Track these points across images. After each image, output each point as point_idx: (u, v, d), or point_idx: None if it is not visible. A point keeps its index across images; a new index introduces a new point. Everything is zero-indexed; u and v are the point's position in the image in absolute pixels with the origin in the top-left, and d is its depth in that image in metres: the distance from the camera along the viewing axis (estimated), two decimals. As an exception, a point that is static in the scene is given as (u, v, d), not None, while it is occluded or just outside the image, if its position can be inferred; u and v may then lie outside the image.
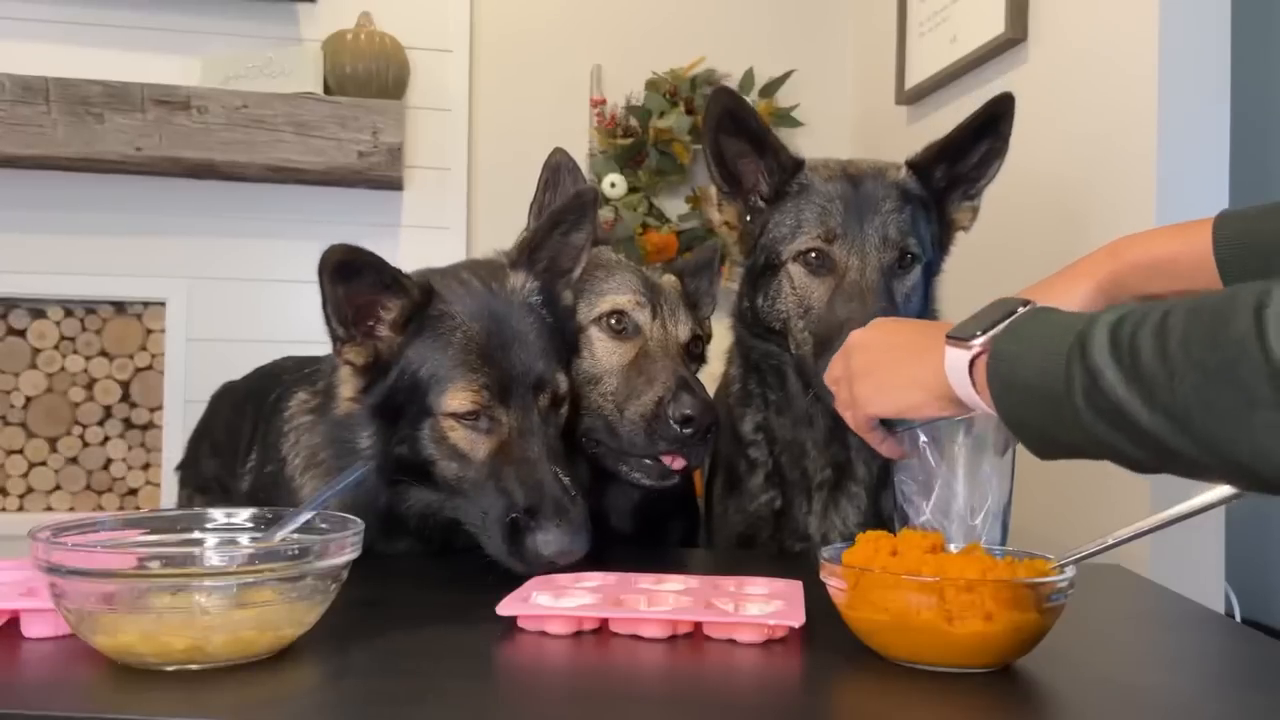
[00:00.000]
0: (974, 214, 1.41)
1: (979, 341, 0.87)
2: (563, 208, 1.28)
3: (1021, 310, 0.87)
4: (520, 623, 0.97)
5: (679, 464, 1.26)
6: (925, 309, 1.37)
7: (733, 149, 1.38)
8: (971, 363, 0.88)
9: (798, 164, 1.37)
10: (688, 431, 1.23)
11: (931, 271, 1.38)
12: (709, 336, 1.52)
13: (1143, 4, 1.96)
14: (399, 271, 1.17)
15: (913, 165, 1.36)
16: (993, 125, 1.34)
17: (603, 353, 1.32)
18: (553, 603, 1.00)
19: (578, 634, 0.96)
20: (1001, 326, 0.87)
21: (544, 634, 0.96)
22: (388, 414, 1.20)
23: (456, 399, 1.16)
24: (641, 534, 1.45)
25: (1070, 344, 0.77)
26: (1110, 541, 0.91)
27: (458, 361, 1.17)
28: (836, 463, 1.40)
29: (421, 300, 1.18)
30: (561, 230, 1.28)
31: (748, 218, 1.41)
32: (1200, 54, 1.93)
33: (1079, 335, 0.77)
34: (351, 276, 1.14)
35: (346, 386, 1.25)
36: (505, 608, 0.98)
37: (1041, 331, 0.82)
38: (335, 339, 1.20)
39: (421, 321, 1.18)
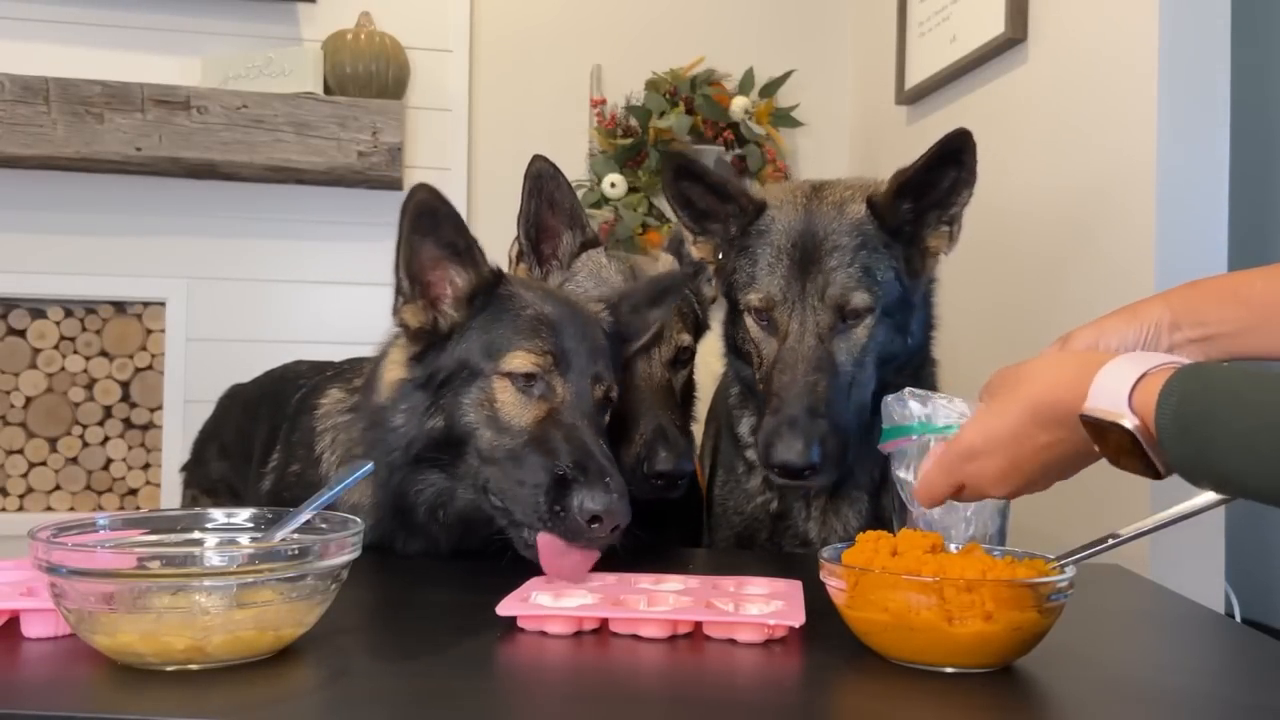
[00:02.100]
0: (950, 239, 1.37)
1: (1162, 466, 0.80)
2: (662, 290, 1.37)
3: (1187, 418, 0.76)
4: (520, 623, 0.97)
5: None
6: (891, 345, 1.32)
7: (696, 192, 1.39)
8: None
9: (759, 208, 1.35)
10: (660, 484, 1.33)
11: (902, 307, 1.33)
12: (715, 298, 1.56)
13: (1143, 4, 1.96)
14: (475, 242, 1.21)
15: (871, 204, 1.32)
16: (954, 158, 1.29)
17: None
18: (553, 603, 1.00)
19: (578, 634, 0.96)
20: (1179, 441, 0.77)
21: (544, 634, 0.96)
22: (431, 385, 1.20)
23: (517, 359, 1.17)
24: (643, 525, 1.47)
25: None
26: (1110, 542, 0.91)
27: (525, 331, 1.19)
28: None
29: (492, 280, 1.22)
30: (647, 303, 1.36)
31: (719, 255, 1.41)
32: (1200, 54, 1.93)
33: None
34: (430, 229, 1.18)
35: (393, 364, 1.25)
36: (505, 608, 0.98)
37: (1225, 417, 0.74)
38: (398, 293, 1.21)
39: (489, 299, 1.21)
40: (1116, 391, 0.80)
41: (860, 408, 1.29)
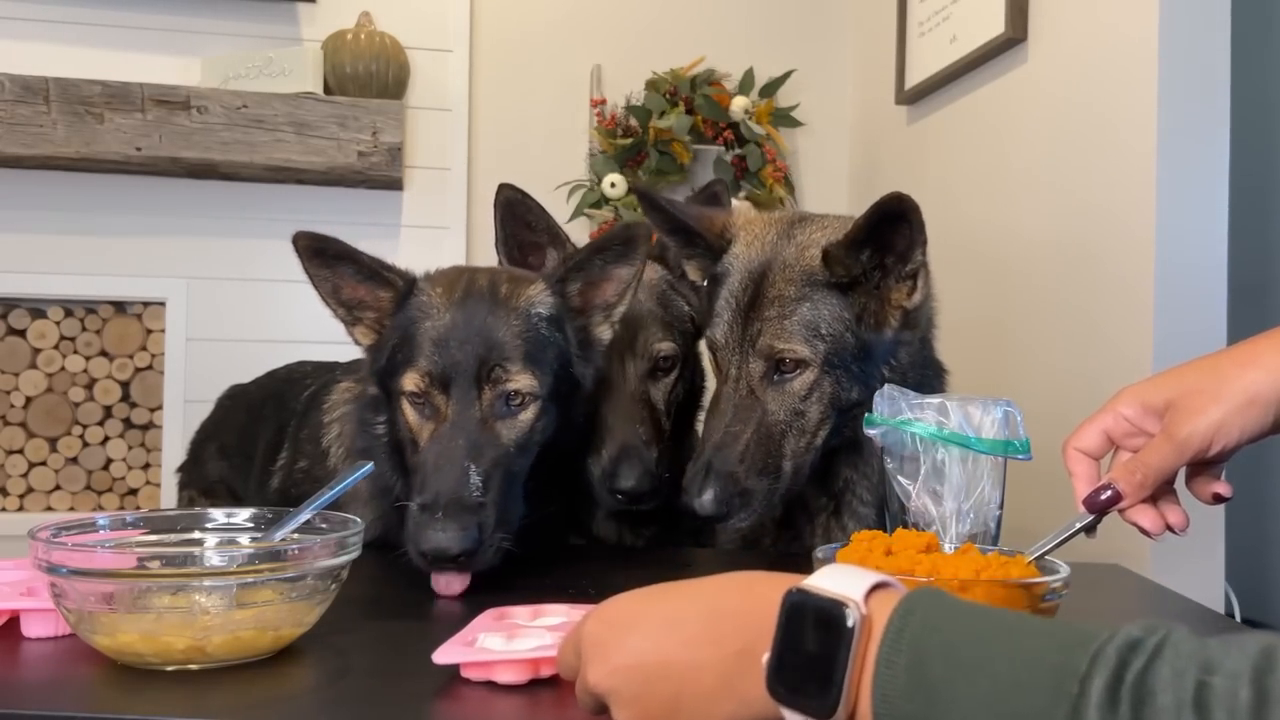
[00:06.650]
0: (911, 293, 1.29)
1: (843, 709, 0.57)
2: (607, 237, 1.26)
3: (885, 640, 0.57)
4: (464, 672, 0.82)
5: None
6: (846, 394, 1.28)
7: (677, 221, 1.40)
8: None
9: (725, 246, 1.35)
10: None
11: (859, 357, 1.28)
12: None
13: (1143, 4, 1.96)
14: (378, 263, 1.22)
15: (825, 254, 1.27)
16: (901, 218, 1.23)
17: None
18: (504, 647, 0.85)
19: (533, 683, 0.82)
20: (866, 683, 0.56)
21: (492, 684, 0.81)
22: (385, 397, 1.24)
23: (407, 379, 1.17)
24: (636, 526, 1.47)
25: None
26: (1078, 525, 0.93)
27: (418, 348, 1.18)
28: (834, 490, 1.39)
29: (405, 290, 1.22)
30: (602, 259, 1.26)
31: (705, 280, 1.42)
32: (1200, 54, 1.93)
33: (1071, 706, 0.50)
34: (330, 262, 1.22)
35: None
36: (443, 655, 0.83)
37: (966, 688, 0.54)
38: (338, 319, 1.25)
39: (406, 309, 1.22)
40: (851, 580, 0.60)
41: (799, 453, 1.27)
